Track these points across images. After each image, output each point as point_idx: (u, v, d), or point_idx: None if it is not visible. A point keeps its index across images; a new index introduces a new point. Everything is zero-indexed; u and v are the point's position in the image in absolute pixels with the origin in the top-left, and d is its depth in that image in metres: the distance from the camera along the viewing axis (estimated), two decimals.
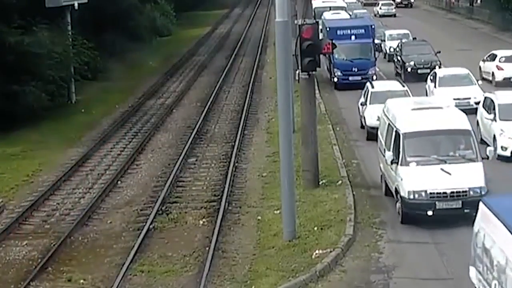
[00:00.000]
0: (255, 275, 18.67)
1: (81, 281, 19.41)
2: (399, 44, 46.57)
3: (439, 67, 42.10)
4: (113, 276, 19.32)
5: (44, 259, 20.57)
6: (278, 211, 22.17)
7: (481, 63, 44.35)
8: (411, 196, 20.83)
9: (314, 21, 24.02)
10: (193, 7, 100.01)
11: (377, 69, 43.70)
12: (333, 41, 34.41)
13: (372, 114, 30.28)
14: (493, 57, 43.55)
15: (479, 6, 79.36)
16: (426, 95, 35.79)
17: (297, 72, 24.41)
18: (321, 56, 25.84)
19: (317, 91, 35.03)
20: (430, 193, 20.70)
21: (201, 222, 23.07)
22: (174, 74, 53.36)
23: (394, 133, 22.30)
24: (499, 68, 41.91)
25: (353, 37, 42.67)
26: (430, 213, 20.66)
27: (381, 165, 24.03)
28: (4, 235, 22.74)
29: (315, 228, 21.04)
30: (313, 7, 52.96)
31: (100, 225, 23.46)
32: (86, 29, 48.70)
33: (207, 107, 39.86)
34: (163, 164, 29.69)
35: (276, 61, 21.25)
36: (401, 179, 21.20)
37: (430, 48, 45.04)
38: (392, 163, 21.78)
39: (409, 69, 43.16)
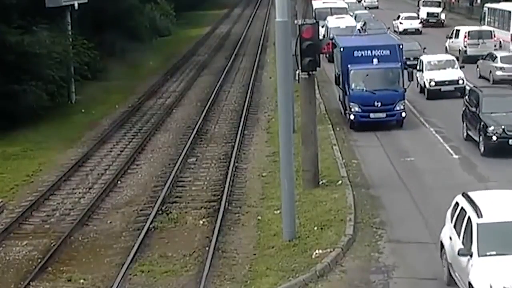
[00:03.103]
0: (255, 275, 18.68)
1: (81, 281, 19.41)
2: (474, 93, 30.28)
3: None
4: (113, 276, 19.32)
5: (44, 259, 20.57)
6: (278, 211, 22.17)
7: (448, 41, 51.98)
8: None
9: (314, 21, 24.00)
10: (193, 7, 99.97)
11: (408, 104, 35.32)
12: (349, 66, 32.29)
13: None
14: (456, 34, 51.05)
15: (479, 6, 79.32)
16: None
17: (297, 72, 24.40)
18: (335, 84, 25.14)
19: (317, 91, 35.00)
20: None
21: (201, 222, 23.07)
22: (174, 74, 53.36)
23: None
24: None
25: (375, 60, 32.64)
26: None
27: None
28: (4, 235, 22.74)
29: (315, 228, 21.05)
30: (313, 8, 52.89)
31: (100, 225, 23.46)
32: (86, 29, 48.70)
33: (207, 107, 39.85)
34: (163, 164, 29.68)
35: (276, 61, 21.25)
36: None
37: None
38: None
39: (494, 138, 27.39)
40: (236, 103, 41.59)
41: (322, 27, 46.16)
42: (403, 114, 32.52)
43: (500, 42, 50.86)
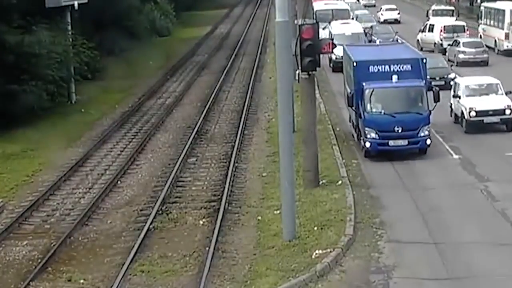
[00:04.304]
0: (255, 275, 18.68)
1: (81, 281, 19.41)
2: None
3: None
4: (113, 276, 19.32)
5: (44, 259, 20.57)
6: (278, 211, 22.17)
7: (420, 34, 55.01)
8: None
9: (314, 21, 24.00)
10: (193, 7, 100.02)
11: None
12: (364, 84, 28.04)
13: None
14: (431, 28, 54.19)
15: (479, 5, 79.28)
16: None
17: (297, 72, 24.42)
18: (346, 106, 23.40)
19: (317, 91, 35.00)
20: None
21: (201, 222, 23.07)
22: (174, 74, 53.35)
23: None
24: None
25: (394, 77, 27.96)
26: None
27: None
28: (4, 235, 22.74)
29: (315, 228, 21.06)
30: (314, 10, 52.29)
31: (100, 225, 23.46)
32: (86, 29, 48.72)
33: (207, 107, 39.84)
34: (163, 164, 29.68)
35: (276, 61, 21.26)
36: None
37: None
38: None
39: None
40: (236, 103, 41.58)
41: (324, 29, 44.32)
42: (428, 141, 27.88)
43: (495, 40, 53.47)
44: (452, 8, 69.98)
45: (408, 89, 28.08)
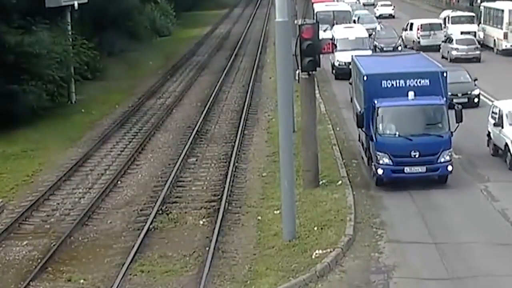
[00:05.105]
0: (255, 275, 18.69)
1: (81, 281, 19.41)
2: None
3: None
4: (113, 276, 19.32)
5: (44, 259, 20.57)
6: (278, 211, 22.18)
7: (403, 33, 57.32)
8: None
9: (314, 21, 23.98)
10: (193, 7, 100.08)
11: (455, 155, 26.23)
12: (376, 102, 24.55)
13: None
14: (411, 27, 56.65)
15: (479, 5, 79.30)
16: None
17: (297, 72, 24.42)
18: (356, 127, 21.88)
19: (317, 91, 34.99)
20: None
21: (201, 222, 23.07)
22: (174, 74, 53.35)
23: None
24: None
25: (410, 93, 24.55)
26: None
27: None
28: (4, 235, 22.74)
29: (315, 228, 21.06)
30: (315, 11, 51.96)
31: (100, 225, 23.46)
32: (86, 29, 48.72)
33: (207, 107, 39.85)
34: (163, 164, 29.68)
35: (276, 61, 21.25)
36: None
37: None
38: None
39: None
40: (236, 103, 41.58)
41: (324, 31, 42.26)
42: (449, 168, 24.29)
43: (495, 40, 54.04)
44: (472, 14, 61.91)
45: (427, 108, 24.59)
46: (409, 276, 18.40)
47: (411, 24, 58.15)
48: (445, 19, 60.52)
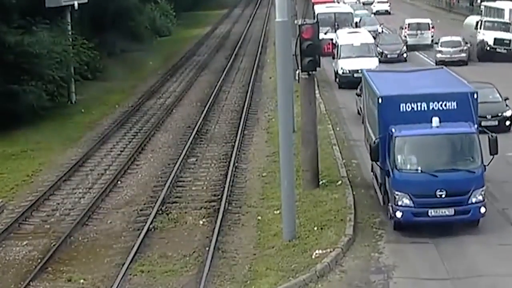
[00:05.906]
0: (255, 275, 18.69)
1: (81, 281, 19.42)
2: None
3: None
4: (113, 276, 19.33)
5: (44, 259, 20.58)
6: (278, 211, 22.18)
7: (402, 31, 57.31)
8: None
9: (314, 21, 23.98)
10: (193, 7, 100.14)
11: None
12: (393, 129, 20.59)
13: None
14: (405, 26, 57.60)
15: (479, 5, 79.39)
16: None
17: (297, 72, 24.42)
18: (369, 160, 19.44)
19: (317, 91, 34.99)
20: None
21: (201, 222, 23.08)
22: (174, 74, 53.38)
23: None
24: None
25: (435, 119, 20.39)
26: None
27: None
28: (4, 235, 22.74)
29: (315, 228, 21.06)
30: (316, 13, 51.56)
31: (100, 225, 23.46)
32: (86, 29, 48.74)
33: (207, 107, 39.87)
34: (163, 164, 29.69)
35: (276, 61, 21.26)
36: None
37: None
38: None
39: None
40: (236, 103, 41.59)
41: (325, 34, 40.94)
42: (482, 210, 20.25)
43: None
44: (509, 21, 53.03)
45: (455, 137, 20.46)
46: (409, 276, 18.40)
47: (405, 24, 59.30)
48: (476, 23, 52.74)
